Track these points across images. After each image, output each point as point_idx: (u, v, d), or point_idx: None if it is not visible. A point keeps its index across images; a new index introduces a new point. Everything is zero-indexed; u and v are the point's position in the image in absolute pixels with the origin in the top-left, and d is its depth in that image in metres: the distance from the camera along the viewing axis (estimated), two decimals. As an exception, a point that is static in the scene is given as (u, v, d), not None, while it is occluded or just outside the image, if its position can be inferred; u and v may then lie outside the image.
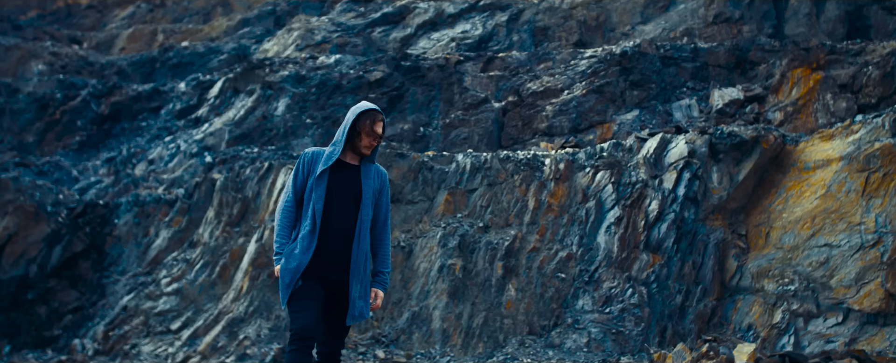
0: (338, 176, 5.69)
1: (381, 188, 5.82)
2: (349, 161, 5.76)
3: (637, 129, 17.53)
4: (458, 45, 20.35)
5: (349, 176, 5.71)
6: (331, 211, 5.65)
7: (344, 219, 5.67)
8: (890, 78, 16.56)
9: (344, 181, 5.69)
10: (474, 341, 13.73)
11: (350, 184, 5.69)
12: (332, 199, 5.65)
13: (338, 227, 5.65)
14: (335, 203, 5.66)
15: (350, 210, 5.68)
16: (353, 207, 5.69)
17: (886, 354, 12.12)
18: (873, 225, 12.79)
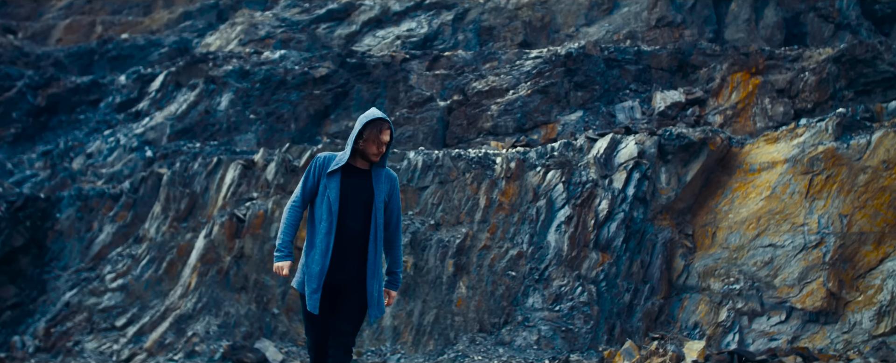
0: (350, 180, 5.86)
1: (391, 191, 6.00)
2: (359, 166, 5.93)
3: (581, 129, 17.74)
4: (404, 43, 20.35)
5: (361, 180, 5.88)
6: (345, 216, 5.83)
7: (356, 221, 5.84)
8: (826, 84, 17.03)
9: (356, 185, 5.86)
10: (425, 339, 13.76)
11: (362, 189, 5.87)
12: (346, 203, 5.83)
13: (351, 229, 5.82)
14: (348, 206, 5.83)
15: (361, 213, 5.87)
16: (365, 211, 5.87)
17: (827, 352, 12.49)
18: (816, 226, 13.16)
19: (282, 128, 18.70)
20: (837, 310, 12.75)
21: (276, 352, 13.45)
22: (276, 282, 13.99)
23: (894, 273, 12.52)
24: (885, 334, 12.31)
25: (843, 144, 13.45)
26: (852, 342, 12.46)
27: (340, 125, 18.57)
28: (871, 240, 12.87)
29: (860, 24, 18.56)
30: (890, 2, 18.70)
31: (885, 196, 12.97)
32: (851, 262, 12.88)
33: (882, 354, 12.08)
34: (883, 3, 18.77)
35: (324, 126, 18.76)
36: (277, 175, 14.47)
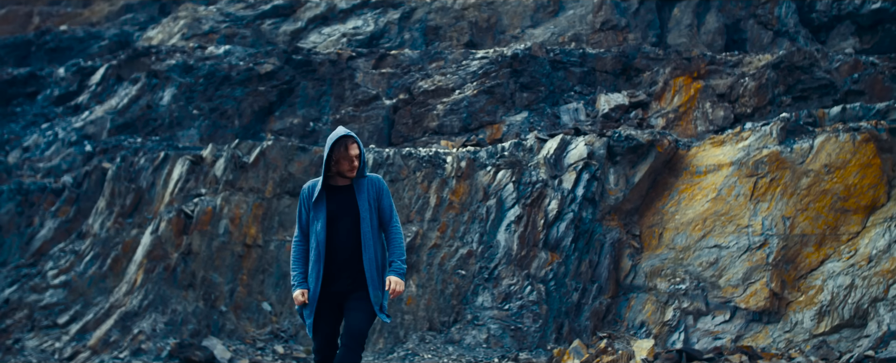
0: (335, 201, 6.08)
1: (378, 194, 6.18)
2: (341, 184, 6.14)
3: (526, 130, 17.90)
4: (350, 41, 20.29)
5: (345, 197, 6.09)
6: (335, 234, 6.03)
7: (348, 237, 6.05)
8: (765, 89, 17.44)
9: (341, 204, 6.08)
10: (375, 337, 13.74)
11: (347, 205, 6.08)
12: (335, 223, 6.04)
13: (343, 247, 6.04)
14: (338, 226, 6.04)
15: (353, 228, 6.07)
16: (355, 225, 6.07)
17: (769, 350, 12.80)
18: (760, 227, 13.48)
19: (225, 124, 18.51)
20: (780, 310, 13.06)
21: (224, 349, 13.32)
22: (224, 279, 13.84)
23: (834, 274, 12.88)
24: (825, 333, 12.65)
25: (786, 148, 13.80)
26: (794, 341, 12.78)
27: (285, 122, 18.45)
28: (813, 242, 13.22)
29: (798, 32, 19.05)
30: (826, 11, 19.22)
31: (827, 199, 13.34)
32: (793, 263, 13.22)
33: (822, 353, 12.42)
34: (819, 12, 19.28)
35: (268, 123, 18.61)
36: (226, 171, 14.32)
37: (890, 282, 12.45)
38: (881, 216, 13.02)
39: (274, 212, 14.42)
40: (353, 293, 6.03)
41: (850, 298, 12.63)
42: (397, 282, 6.08)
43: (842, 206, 13.22)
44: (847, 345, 12.48)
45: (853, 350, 12.25)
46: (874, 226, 12.99)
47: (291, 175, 14.61)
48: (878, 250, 12.76)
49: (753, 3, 19.46)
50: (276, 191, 14.51)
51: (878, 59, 17.45)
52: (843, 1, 19.23)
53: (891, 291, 12.39)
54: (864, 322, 12.47)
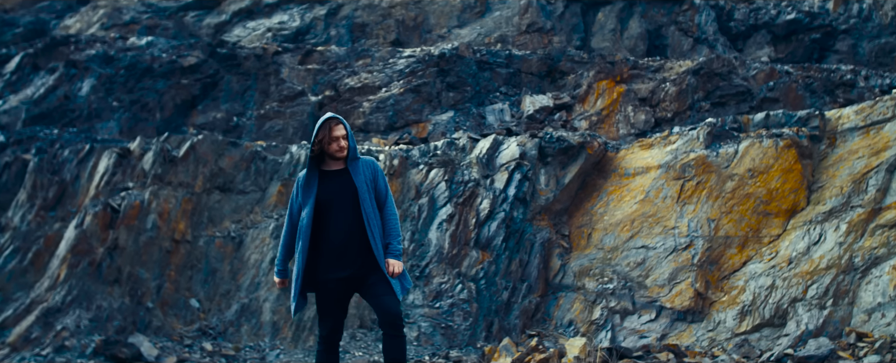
0: (330, 185, 6.14)
1: (373, 176, 6.25)
2: (335, 168, 6.19)
3: (452, 130, 18.01)
4: (275, 36, 20.09)
5: (341, 181, 6.15)
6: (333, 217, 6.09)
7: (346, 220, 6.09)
8: (685, 94, 17.91)
9: (337, 187, 6.13)
10: (305, 334, 13.67)
11: (344, 188, 6.13)
12: (332, 206, 6.10)
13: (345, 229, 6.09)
14: (334, 208, 6.10)
15: (352, 210, 6.13)
16: (355, 206, 6.13)
17: (693, 349, 13.16)
18: (686, 229, 13.85)
19: (146, 117, 18.13)
20: (703, 310, 13.44)
21: (151, 346, 13.07)
22: (151, 275, 13.58)
23: (756, 275, 13.32)
24: (746, 332, 13.06)
25: (712, 152, 14.22)
26: (716, 339, 13.16)
27: (208, 116, 18.16)
28: (736, 244, 13.65)
29: (717, 40, 19.61)
30: (743, 20, 19.82)
31: (750, 202, 13.78)
32: (717, 264, 13.63)
33: (744, 351, 12.84)
34: (737, 21, 19.88)
35: (191, 116, 18.30)
36: (155, 165, 14.05)
37: (808, 283, 12.93)
38: (801, 220, 13.52)
39: (204, 208, 14.21)
40: (371, 276, 6.06)
41: (771, 298, 13.07)
42: (396, 263, 6.16)
43: (764, 210, 13.69)
44: (767, 343, 12.92)
45: (773, 348, 12.69)
46: (794, 229, 13.48)
47: (222, 170, 14.42)
48: (797, 252, 13.24)
49: (675, 10, 19.96)
50: (206, 186, 14.30)
51: (792, 68, 18.08)
52: (759, 11, 19.86)
53: (809, 292, 12.87)
54: (784, 321, 12.93)
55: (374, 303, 6.08)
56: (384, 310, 6.01)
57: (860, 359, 12.02)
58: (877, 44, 18.91)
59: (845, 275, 12.77)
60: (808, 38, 19.39)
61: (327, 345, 6.22)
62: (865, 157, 13.48)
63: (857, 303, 12.63)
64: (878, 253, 12.76)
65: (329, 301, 6.16)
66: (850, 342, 12.36)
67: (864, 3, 19.32)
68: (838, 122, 14.16)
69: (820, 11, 19.44)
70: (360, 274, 6.10)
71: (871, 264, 12.75)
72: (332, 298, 6.13)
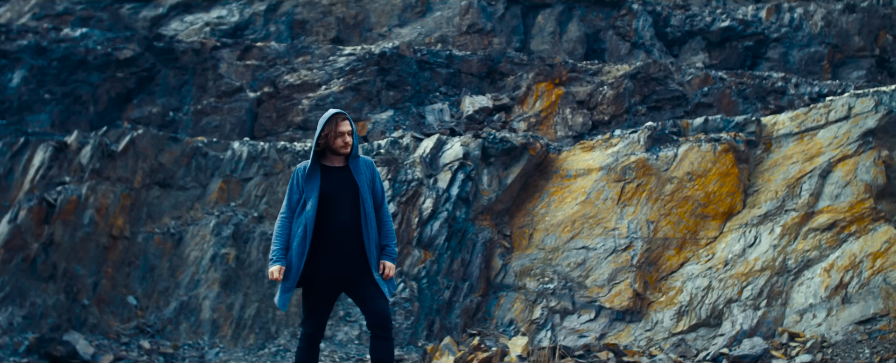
0: (331, 180, 6.10)
1: (372, 176, 6.24)
2: (337, 164, 6.17)
3: (391, 129, 18.01)
4: (213, 31, 19.85)
5: (342, 177, 6.12)
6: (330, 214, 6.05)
7: (346, 217, 6.06)
8: (622, 98, 18.19)
9: (338, 183, 6.10)
10: (245, 332, 13.54)
11: (345, 185, 6.10)
12: (334, 202, 6.06)
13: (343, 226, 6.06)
14: (336, 204, 6.06)
15: (351, 208, 6.09)
16: (354, 205, 6.09)
17: (631, 348, 13.39)
18: (626, 230, 14.07)
19: (80, 110, 17.76)
20: (641, 310, 13.68)
21: (86, 344, 12.81)
22: (87, 271, 13.31)
23: (693, 276, 13.60)
24: (683, 332, 13.33)
25: (652, 156, 14.47)
26: (654, 339, 13.41)
27: (144, 110, 17.87)
28: (674, 245, 13.91)
29: (653, 45, 19.95)
30: (679, 26, 20.20)
31: (688, 205, 14.06)
32: (655, 265, 13.88)
33: (681, 350, 13.10)
34: (673, 27, 20.25)
35: (126, 110, 17.98)
36: (93, 159, 13.78)
37: (744, 285, 13.25)
38: (737, 222, 13.84)
39: (143, 203, 13.98)
40: (362, 278, 6.04)
41: (707, 299, 13.36)
42: (391, 266, 6.18)
43: (702, 212, 13.98)
44: (703, 343, 13.19)
45: (709, 348, 12.97)
46: (730, 232, 13.79)
47: (162, 165, 14.20)
48: (733, 254, 13.55)
49: (613, 14, 20.25)
50: (146, 181, 14.07)
51: (726, 75, 18.49)
52: (695, 18, 20.27)
53: (744, 293, 13.19)
54: (720, 321, 13.22)
55: (364, 304, 6.06)
56: (375, 313, 6.01)
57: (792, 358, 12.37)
58: (806, 52, 19.44)
59: (779, 276, 13.12)
60: (742, 45, 19.85)
61: (311, 342, 6.17)
62: (799, 163, 13.86)
63: (790, 304, 12.98)
64: (811, 255, 13.13)
65: (320, 298, 6.14)
66: (782, 342, 12.70)
67: (795, 13, 19.85)
68: (774, 128, 14.54)
69: (753, 20, 19.91)
70: (354, 274, 6.09)
71: (803, 266, 13.11)
72: (324, 296, 6.10)
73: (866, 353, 12.02)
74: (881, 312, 12.39)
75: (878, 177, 13.26)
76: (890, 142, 13.69)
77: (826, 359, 12.17)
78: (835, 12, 19.66)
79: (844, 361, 11.91)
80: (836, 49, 19.37)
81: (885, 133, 13.73)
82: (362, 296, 6.07)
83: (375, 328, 6.00)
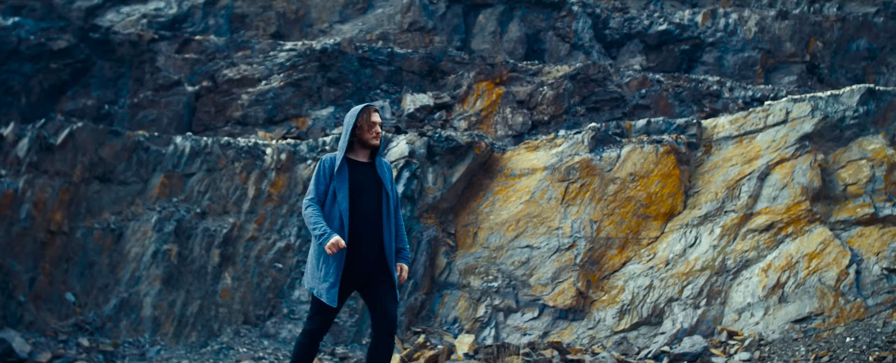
0: (358, 175, 6.12)
1: (390, 177, 6.34)
2: (362, 160, 6.20)
3: (332, 125, 17.93)
4: (151, 23, 19.50)
5: (368, 173, 6.17)
6: (360, 207, 6.06)
7: (370, 212, 6.09)
8: (562, 99, 18.38)
9: (364, 178, 6.14)
10: (187, 330, 13.35)
11: (371, 181, 6.15)
12: (359, 196, 6.07)
13: (366, 220, 6.06)
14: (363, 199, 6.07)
15: (374, 204, 6.11)
16: (377, 201, 6.12)
17: (574, 346, 13.56)
18: (569, 230, 14.24)
19: (10, 101, 17.28)
20: (584, 308, 13.86)
21: (23, 342, 12.50)
22: (24, 267, 12.98)
23: (635, 275, 13.82)
24: (625, 330, 13.55)
25: (596, 156, 14.66)
26: (596, 337, 13.60)
27: (78, 103, 17.48)
28: (617, 245, 14.12)
29: (592, 47, 20.19)
30: (618, 29, 20.48)
31: (631, 205, 14.29)
32: (598, 265, 14.07)
33: (623, 348, 13.31)
34: (612, 29, 20.52)
35: (60, 102, 17.56)
36: (30, 152, 13.43)
37: (684, 284, 13.52)
38: (678, 223, 14.11)
39: (82, 198, 13.68)
40: (380, 276, 6.02)
41: (649, 298, 13.60)
42: (406, 269, 6.28)
43: (644, 213, 14.22)
44: (644, 341, 13.43)
45: (650, 346, 13.21)
46: (671, 232, 14.06)
47: (102, 160, 13.91)
48: (674, 254, 13.81)
49: (553, 15, 20.44)
50: (85, 175, 13.77)
51: (663, 78, 18.82)
52: (633, 21, 20.57)
53: (685, 292, 13.45)
54: (661, 320, 13.47)
55: (377, 302, 6.03)
56: (386, 313, 5.99)
57: (731, 356, 12.67)
58: (740, 57, 19.88)
59: (718, 276, 13.41)
60: (678, 48, 20.21)
61: (313, 339, 6.13)
62: (739, 165, 14.19)
63: (729, 303, 13.28)
64: (749, 256, 13.45)
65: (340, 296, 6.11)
66: (721, 340, 13.00)
67: (730, 19, 20.28)
68: (714, 131, 14.85)
69: (689, 24, 20.30)
70: (374, 271, 6.09)
71: (742, 266, 13.43)
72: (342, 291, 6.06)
73: (802, 351, 12.36)
74: (816, 311, 12.76)
75: (814, 180, 13.64)
76: (825, 146, 14.10)
77: (763, 356, 12.49)
78: (768, 18, 20.15)
79: (781, 359, 12.23)
80: (769, 54, 19.86)
81: (821, 137, 14.13)
82: (376, 294, 6.05)
83: (381, 331, 5.99)
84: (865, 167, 13.61)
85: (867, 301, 12.61)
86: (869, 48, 19.90)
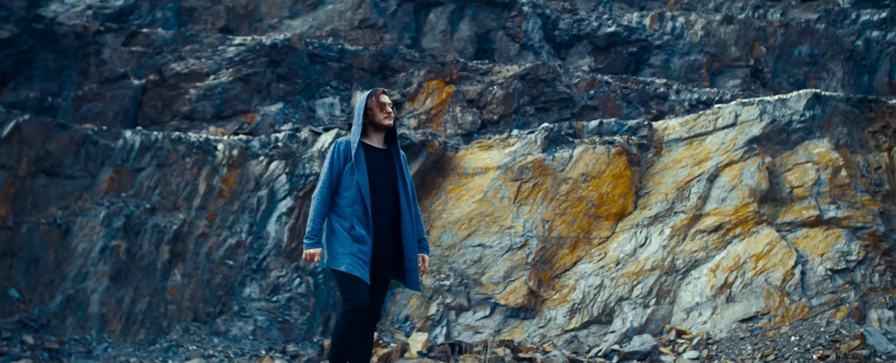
0: (374, 160, 5.99)
1: (406, 165, 6.20)
2: (377, 145, 6.07)
3: (280, 121, 17.79)
4: (96, 14, 19.15)
5: (383, 159, 6.04)
6: (375, 192, 5.93)
7: (386, 198, 5.97)
8: (511, 98, 18.49)
9: (379, 164, 6.00)
10: (136, 327, 13.16)
11: (386, 167, 6.02)
12: (373, 180, 5.93)
13: (382, 207, 5.94)
14: (378, 184, 5.94)
15: (389, 190, 6.01)
16: (392, 187, 6.01)
17: (525, 344, 13.66)
18: (522, 229, 14.33)
19: (-50, 92, 16.87)
20: (536, 307, 13.96)
21: (-35, 339, 12.22)
22: (-33, 262, 12.68)
23: (586, 274, 13.96)
24: (575, 329, 13.68)
25: (549, 156, 14.77)
26: (547, 336, 13.71)
27: (21, 94, 17.09)
28: (568, 244, 14.25)
29: (542, 47, 20.33)
30: (567, 30, 20.65)
31: (582, 205, 14.43)
32: (550, 264, 14.18)
33: (573, 347, 13.44)
34: (561, 30, 20.69)
35: (1, 94, 17.16)
36: (-25, 145, 13.14)
37: (634, 283, 13.69)
38: (628, 223, 14.28)
39: (28, 192, 13.39)
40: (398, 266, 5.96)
41: (599, 297, 13.75)
42: (428, 260, 6.18)
43: (595, 213, 14.36)
44: (595, 339, 13.57)
45: (600, 344, 13.35)
46: (622, 232, 14.23)
47: (49, 153, 13.63)
48: (625, 254, 13.98)
49: (503, 15, 20.53)
50: (32, 169, 13.48)
51: (612, 79, 19.03)
52: (582, 22, 20.76)
53: (635, 291, 13.63)
54: (611, 319, 13.62)
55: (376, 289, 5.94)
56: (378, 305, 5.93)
57: (679, 354, 12.87)
58: (686, 60, 20.19)
59: (668, 276, 13.61)
60: (626, 51, 20.45)
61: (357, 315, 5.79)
62: (688, 167, 14.41)
63: (678, 302, 13.49)
64: (698, 256, 13.68)
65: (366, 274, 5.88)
66: (670, 339, 13.20)
67: (677, 22, 20.58)
68: (665, 133, 15.06)
69: (637, 26, 20.54)
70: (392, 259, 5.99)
71: (690, 266, 13.65)
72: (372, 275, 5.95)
73: (749, 350, 12.60)
74: (762, 311, 13.02)
75: (762, 182, 13.91)
76: (773, 149, 14.39)
77: (711, 355, 12.71)
78: (714, 23, 20.48)
79: (728, 357, 12.46)
80: (715, 58, 20.20)
81: (769, 140, 14.42)
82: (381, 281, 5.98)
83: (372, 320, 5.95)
84: (811, 170, 13.92)
85: (812, 301, 12.90)
86: (810, 54, 20.35)
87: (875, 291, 12.92)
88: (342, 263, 5.80)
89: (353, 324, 5.78)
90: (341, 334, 5.81)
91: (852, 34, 20.62)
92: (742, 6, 21.74)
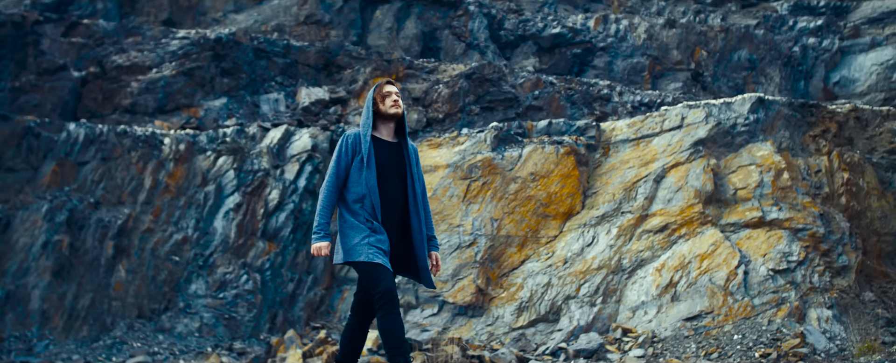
0: (384, 153, 5.92)
1: (416, 161, 6.12)
2: (387, 138, 6.01)
3: (224, 117, 17.59)
4: (35, 4, 18.70)
5: (393, 153, 5.98)
6: (384, 186, 5.88)
7: (395, 193, 5.91)
8: (457, 97, 18.54)
9: (389, 158, 5.94)
10: (79, 324, 12.90)
11: (396, 161, 5.96)
12: (382, 175, 5.87)
13: (391, 201, 5.88)
14: (387, 178, 5.88)
15: (398, 184, 5.94)
16: (401, 181, 5.95)
17: (473, 342, 13.72)
18: (470, 227, 14.39)
19: None
20: (483, 305, 14.03)
21: None
22: None
23: (534, 273, 14.07)
24: (523, 327, 13.78)
25: (498, 155, 14.85)
26: (495, 334, 13.78)
27: (-45, 84, 16.64)
28: (516, 243, 14.35)
29: (487, 47, 20.42)
30: (513, 30, 20.78)
31: (531, 204, 14.53)
32: (498, 262, 14.26)
33: (521, 345, 13.54)
34: (507, 30, 20.80)
35: (-65, 84, 16.68)
36: (-88, 135, 12.74)
37: (581, 282, 13.84)
38: (576, 222, 14.43)
39: (-33, 185, 13.05)
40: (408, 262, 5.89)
41: (547, 296, 13.87)
42: (438, 258, 6.12)
43: (543, 212, 14.48)
44: (542, 338, 13.69)
45: (547, 342, 13.47)
46: (570, 231, 14.37)
47: (-11, 145, 13.31)
48: (572, 253, 14.13)
49: (450, 14, 20.58)
50: (-29, 161, 13.14)
51: (556, 80, 19.20)
52: (527, 23, 20.90)
53: (582, 290, 13.78)
54: (558, 317, 13.75)
55: None
56: None
57: (625, 352, 13.05)
58: (629, 62, 20.46)
59: (614, 275, 13.79)
60: (570, 52, 20.65)
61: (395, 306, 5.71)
62: (636, 168, 14.61)
63: (624, 301, 13.67)
64: (644, 255, 13.88)
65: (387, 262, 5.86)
66: (616, 337, 13.38)
67: (621, 25, 20.85)
68: (612, 134, 15.24)
69: (582, 28, 20.76)
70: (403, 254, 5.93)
71: (637, 266, 13.84)
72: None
73: (693, 348, 12.83)
74: (706, 310, 13.26)
75: (707, 183, 14.17)
76: (718, 151, 14.66)
77: (656, 353, 12.91)
78: (657, 26, 20.79)
79: (673, 355, 12.67)
80: (657, 61, 20.50)
81: (714, 143, 14.69)
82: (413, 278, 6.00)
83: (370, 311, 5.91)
84: (754, 172, 14.22)
85: (754, 300, 13.17)
86: (749, 59, 20.79)
87: (815, 291, 13.24)
88: (361, 254, 5.72)
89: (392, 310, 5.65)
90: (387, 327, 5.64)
91: (789, 40, 21.11)
92: (684, 10, 22.12)
